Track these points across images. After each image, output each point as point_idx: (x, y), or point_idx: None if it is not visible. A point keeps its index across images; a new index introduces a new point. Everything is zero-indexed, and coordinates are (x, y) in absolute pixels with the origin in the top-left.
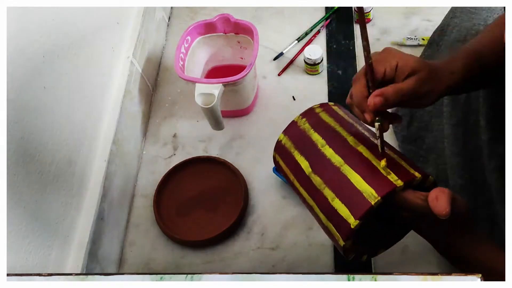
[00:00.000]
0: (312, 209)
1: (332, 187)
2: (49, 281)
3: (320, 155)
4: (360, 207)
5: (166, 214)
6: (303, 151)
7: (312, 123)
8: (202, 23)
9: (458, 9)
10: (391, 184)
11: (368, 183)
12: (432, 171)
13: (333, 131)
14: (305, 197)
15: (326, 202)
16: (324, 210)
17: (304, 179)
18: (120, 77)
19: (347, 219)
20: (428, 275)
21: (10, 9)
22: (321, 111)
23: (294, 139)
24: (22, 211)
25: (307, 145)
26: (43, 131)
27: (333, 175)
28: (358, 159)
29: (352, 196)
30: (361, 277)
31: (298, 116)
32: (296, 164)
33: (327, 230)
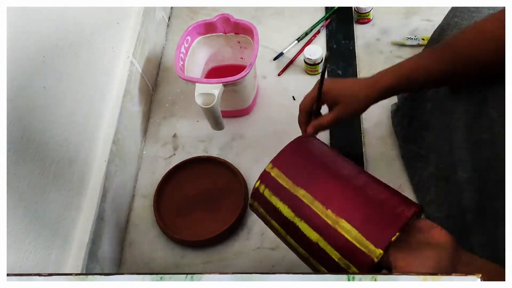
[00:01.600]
0: (308, 261)
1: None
2: (49, 281)
3: (308, 208)
4: (365, 264)
5: (166, 214)
6: (285, 200)
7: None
8: (202, 23)
9: (459, 8)
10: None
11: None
12: (432, 170)
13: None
14: (297, 249)
15: (341, 236)
16: (327, 264)
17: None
18: (120, 77)
19: (370, 253)
20: (428, 275)
21: (10, 9)
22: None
23: (273, 188)
24: (22, 211)
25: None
26: (43, 131)
27: (344, 209)
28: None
29: (370, 230)
30: (361, 277)
31: (269, 164)
32: (281, 214)
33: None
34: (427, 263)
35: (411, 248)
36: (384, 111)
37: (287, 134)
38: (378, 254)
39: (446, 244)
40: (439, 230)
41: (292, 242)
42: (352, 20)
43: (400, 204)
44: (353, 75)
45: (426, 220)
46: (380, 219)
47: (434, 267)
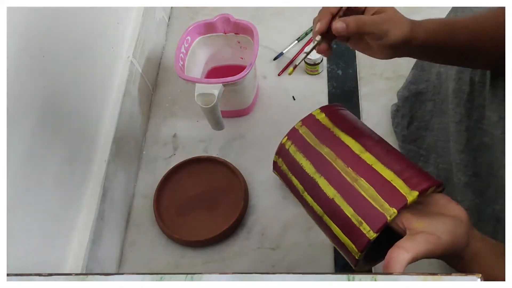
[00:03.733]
0: (322, 219)
1: (367, 179)
2: (49, 281)
3: (329, 165)
4: (378, 221)
5: (166, 214)
6: (309, 156)
7: (333, 119)
8: (202, 23)
9: (459, 8)
10: (428, 181)
11: (402, 181)
12: (432, 170)
13: (338, 140)
14: (313, 207)
15: (358, 194)
16: (339, 220)
17: (313, 188)
18: (120, 77)
19: (365, 232)
20: (428, 275)
21: (10, 9)
22: (341, 109)
23: (298, 145)
24: (22, 211)
25: (313, 152)
26: (43, 131)
27: (364, 169)
28: (369, 172)
29: (387, 190)
30: (361, 277)
31: (317, 110)
32: (302, 170)
33: (338, 240)
34: (445, 226)
35: (426, 214)
36: (384, 111)
37: None
38: (392, 213)
39: (461, 217)
40: (455, 204)
41: (308, 199)
42: None
43: (420, 174)
44: (353, 75)
45: (443, 195)
46: (398, 183)
47: (452, 231)
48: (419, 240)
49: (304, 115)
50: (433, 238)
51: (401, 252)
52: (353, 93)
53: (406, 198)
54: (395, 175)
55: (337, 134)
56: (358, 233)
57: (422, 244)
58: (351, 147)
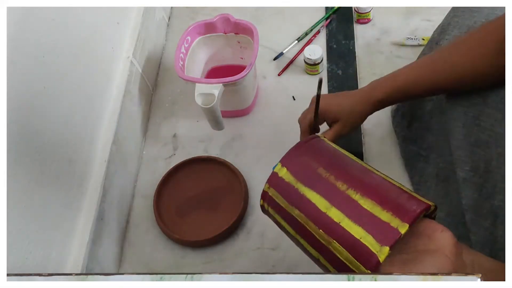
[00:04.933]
0: (318, 262)
1: (339, 242)
2: (49, 281)
3: (304, 228)
4: (371, 261)
5: (166, 214)
6: (285, 218)
7: (294, 172)
8: (202, 23)
9: (459, 8)
10: (395, 232)
11: (390, 211)
12: (432, 170)
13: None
14: (307, 249)
15: (335, 256)
16: (335, 264)
17: (299, 245)
18: (120, 77)
19: (375, 251)
20: (428, 275)
21: (10, 9)
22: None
23: (273, 207)
24: (22, 211)
25: (287, 215)
26: (43, 131)
27: (334, 230)
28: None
29: (360, 251)
30: (361, 277)
31: (278, 165)
32: (285, 229)
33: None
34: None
35: (408, 259)
36: (384, 111)
37: (287, 134)
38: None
39: (446, 249)
40: (440, 232)
41: (303, 249)
42: (352, 20)
43: (391, 218)
44: (353, 75)
45: (429, 222)
46: (369, 240)
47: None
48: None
49: None
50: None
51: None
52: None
53: (378, 257)
54: (363, 230)
55: (302, 191)
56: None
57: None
58: (317, 204)
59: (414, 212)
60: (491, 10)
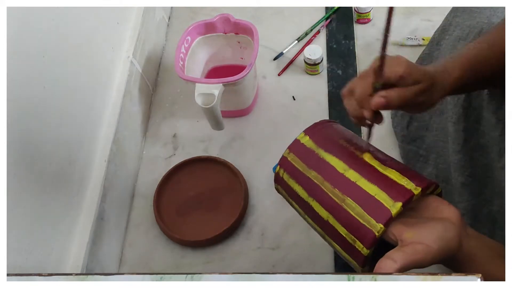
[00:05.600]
0: (325, 238)
1: (353, 198)
2: (49, 281)
3: (318, 189)
4: (368, 238)
5: (166, 214)
6: (300, 182)
7: (316, 140)
8: (202, 23)
9: (460, 8)
10: (409, 191)
11: (406, 177)
12: (432, 170)
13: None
14: (315, 228)
15: (347, 213)
16: (337, 239)
17: (310, 210)
18: (120, 77)
19: (359, 249)
20: (428, 275)
21: (10, 9)
22: (307, 140)
23: (290, 172)
24: (22, 211)
25: (303, 178)
26: (43, 131)
27: (349, 188)
28: (354, 190)
29: (373, 206)
30: (361, 277)
31: (301, 134)
32: (297, 195)
33: (343, 255)
34: (434, 232)
35: (417, 222)
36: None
37: (287, 134)
38: (379, 228)
39: (453, 219)
40: (447, 205)
41: (310, 221)
42: (352, 20)
43: (404, 182)
44: (353, 75)
45: (434, 197)
46: (382, 197)
47: (441, 237)
48: (407, 251)
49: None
50: (422, 247)
51: (389, 262)
52: None
53: (391, 212)
54: (378, 188)
55: (322, 156)
56: (354, 251)
57: (410, 254)
58: (335, 166)
59: (428, 181)
60: (492, 10)
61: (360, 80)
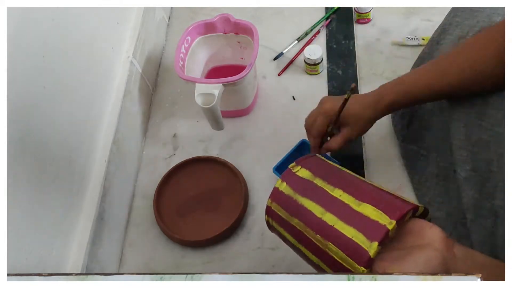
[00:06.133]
0: (318, 267)
1: (334, 243)
2: (49, 281)
3: (303, 235)
4: (363, 257)
5: (166, 214)
6: (286, 229)
7: (292, 186)
8: (202, 23)
9: (460, 8)
10: (383, 228)
11: (380, 210)
12: (432, 169)
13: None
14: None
15: (331, 258)
16: (332, 265)
17: (301, 255)
18: (120, 77)
19: (355, 271)
20: (428, 275)
21: (10, 9)
22: (298, 169)
23: (276, 220)
24: (22, 211)
25: (288, 225)
26: (43, 131)
27: (329, 232)
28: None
29: (352, 249)
30: (361, 277)
31: (278, 181)
32: (288, 241)
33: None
34: (416, 268)
35: (399, 255)
36: None
37: (287, 134)
38: (362, 271)
39: (436, 243)
40: (429, 228)
41: (304, 258)
42: (352, 20)
43: (381, 215)
44: (353, 75)
45: (418, 221)
46: (360, 238)
47: (423, 271)
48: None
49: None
50: None
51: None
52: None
53: (369, 253)
54: (355, 230)
55: (300, 202)
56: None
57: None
58: (313, 211)
59: (401, 210)
60: (492, 10)
61: (310, 137)
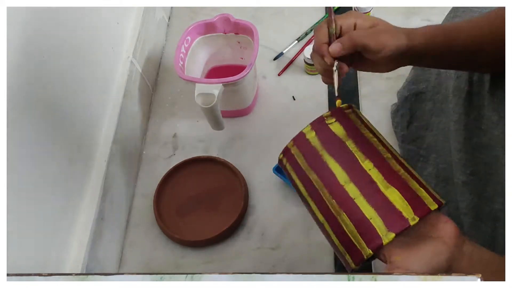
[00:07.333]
0: (322, 226)
1: (349, 215)
2: (49, 281)
3: (317, 193)
4: (356, 256)
5: (166, 214)
6: (301, 179)
7: (322, 139)
8: (202, 23)
9: (460, 8)
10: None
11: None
12: (432, 170)
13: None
14: (315, 213)
15: (340, 227)
16: (338, 233)
17: (308, 207)
18: (120, 77)
19: (349, 261)
20: (428, 275)
21: (10, 9)
22: (333, 122)
23: (292, 164)
24: (22, 211)
25: (304, 176)
26: (43, 131)
27: (347, 203)
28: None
29: (366, 229)
30: (361, 277)
31: (307, 127)
32: (298, 188)
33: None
34: (422, 258)
35: (409, 242)
36: (384, 111)
37: (287, 134)
38: (368, 253)
39: (447, 238)
40: (443, 223)
41: (310, 211)
42: None
43: (406, 207)
44: (353, 75)
45: (435, 213)
46: (377, 223)
47: (428, 263)
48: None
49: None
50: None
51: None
52: (353, 93)
53: (382, 240)
54: (375, 212)
55: (325, 159)
56: (344, 260)
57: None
58: (337, 176)
59: (428, 208)
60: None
61: (316, 33)
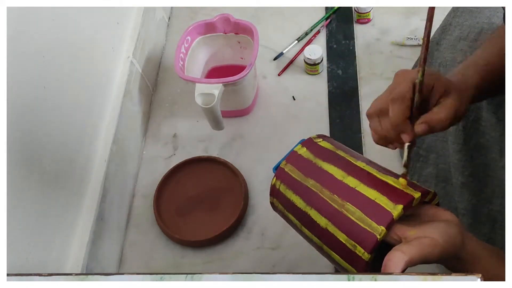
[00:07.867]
0: (322, 250)
1: (353, 203)
2: (49, 281)
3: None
4: (369, 241)
5: (166, 214)
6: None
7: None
8: (202, 23)
9: (460, 8)
10: (409, 195)
11: (386, 197)
12: (431, 170)
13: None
14: (312, 239)
15: (347, 219)
16: (336, 248)
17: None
18: (120, 77)
19: (360, 254)
20: (428, 275)
21: (10, 9)
22: (320, 141)
23: (287, 183)
24: (22, 211)
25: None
26: (43, 131)
27: (349, 193)
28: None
29: (373, 210)
30: (361, 277)
31: (298, 146)
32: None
33: (341, 267)
34: (438, 228)
35: (418, 223)
36: None
37: (287, 134)
38: (381, 231)
39: (452, 220)
40: (443, 211)
41: (307, 232)
42: (352, 20)
43: (407, 187)
44: (353, 75)
45: (431, 206)
46: (383, 200)
47: (445, 231)
48: (415, 244)
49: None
50: (428, 240)
51: (398, 254)
52: (353, 93)
53: (392, 214)
54: (378, 193)
55: (319, 165)
56: (355, 258)
57: (417, 247)
58: (333, 174)
59: (426, 190)
60: (492, 10)
61: (393, 104)
